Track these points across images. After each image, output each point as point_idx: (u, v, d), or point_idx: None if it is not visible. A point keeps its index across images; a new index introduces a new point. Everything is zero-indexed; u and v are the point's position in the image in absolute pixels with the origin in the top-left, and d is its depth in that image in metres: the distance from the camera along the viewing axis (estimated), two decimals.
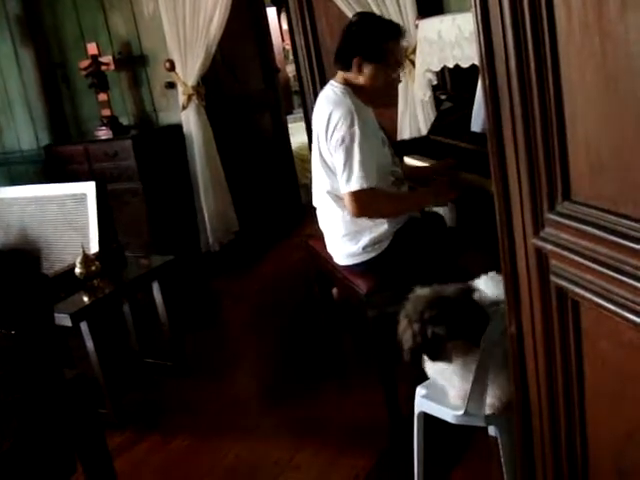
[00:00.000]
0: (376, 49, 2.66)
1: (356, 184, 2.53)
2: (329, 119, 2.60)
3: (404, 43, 2.88)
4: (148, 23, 4.83)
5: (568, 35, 1.07)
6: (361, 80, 2.68)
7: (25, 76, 5.04)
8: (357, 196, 2.55)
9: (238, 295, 4.50)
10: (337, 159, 2.59)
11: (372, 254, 2.68)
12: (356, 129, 2.54)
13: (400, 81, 2.84)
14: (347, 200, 2.59)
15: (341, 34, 2.76)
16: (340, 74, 2.73)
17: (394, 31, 2.72)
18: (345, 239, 2.72)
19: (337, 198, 2.68)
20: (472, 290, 1.93)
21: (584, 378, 1.26)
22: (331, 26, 4.52)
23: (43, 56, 5.14)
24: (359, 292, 2.63)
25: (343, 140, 2.55)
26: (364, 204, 2.57)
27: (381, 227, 2.67)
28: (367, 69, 2.67)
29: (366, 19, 2.81)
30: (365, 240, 2.67)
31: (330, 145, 2.61)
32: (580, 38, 1.04)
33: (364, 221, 2.66)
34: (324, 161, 2.68)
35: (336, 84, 2.71)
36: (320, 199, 2.80)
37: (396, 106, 3.94)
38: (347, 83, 2.69)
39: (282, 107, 6.07)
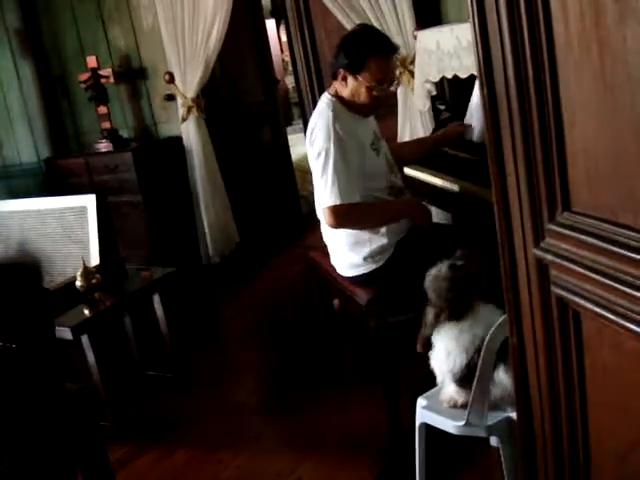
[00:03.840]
0: (357, 62, 2.61)
1: (329, 200, 2.56)
2: (312, 131, 2.65)
3: (396, 60, 2.81)
4: (147, 36, 4.85)
5: (566, 45, 1.07)
6: (345, 92, 2.67)
7: (25, 89, 5.06)
8: (331, 211, 2.58)
9: (239, 306, 4.49)
10: (314, 171, 2.64)
11: (373, 265, 2.68)
12: (331, 145, 2.55)
13: (383, 100, 2.74)
14: (323, 214, 2.62)
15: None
16: (333, 83, 2.73)
17: (382, 47, 2.64)
18: (346, 249, 2.74)
19: None
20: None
21: (586, 388, 1.26)
22: (329, 37, 4.54)
23: (43, 69, 5.17)
24: (360, 302, 2.63)
25: (319, 154, 2.59)
26: (338, 218, 2.59)
27: (380, 240, 2.67)
28: (349, 81, 2.64)
29: (360, 31, 2.76)
30: (365, 251, 2.68)
31: (310, 155, 2.66)
32: (578, 48, 1.04)
33: (361, 233, 2.68)
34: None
35: (325, 94, 2.74)
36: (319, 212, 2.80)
37: (395, 116, 3.96)
38: (337, 93, 2.70)
39: (282, 118, 6.08)
